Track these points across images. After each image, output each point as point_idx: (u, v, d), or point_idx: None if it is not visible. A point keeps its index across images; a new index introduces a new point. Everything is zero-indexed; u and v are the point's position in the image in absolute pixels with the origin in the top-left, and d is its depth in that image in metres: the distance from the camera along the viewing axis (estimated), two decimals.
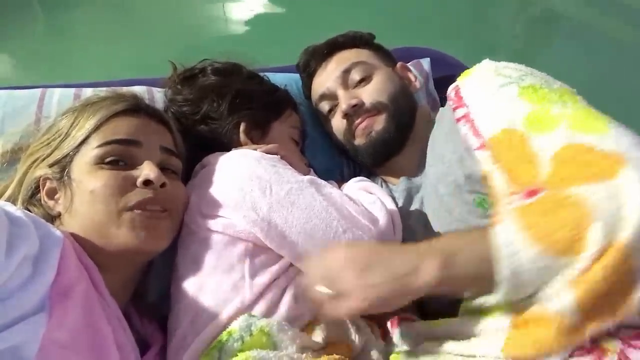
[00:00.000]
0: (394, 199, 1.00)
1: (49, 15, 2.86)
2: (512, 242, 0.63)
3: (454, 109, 0.92)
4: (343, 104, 1.09)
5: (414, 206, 1.00)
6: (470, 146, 0.86)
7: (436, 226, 0.94)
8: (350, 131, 1.11)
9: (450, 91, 0.95)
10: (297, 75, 1.29)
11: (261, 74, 1.17)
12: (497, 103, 0.84)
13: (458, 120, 0.90)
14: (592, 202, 0.62)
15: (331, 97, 1.14)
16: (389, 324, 0.84)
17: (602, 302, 0.60)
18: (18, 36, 2.67)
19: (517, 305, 0.66)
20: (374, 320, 0.89)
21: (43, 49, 2.63)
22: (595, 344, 0.62)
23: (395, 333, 0.81)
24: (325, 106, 1.16)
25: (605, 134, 0.70)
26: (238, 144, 1.02)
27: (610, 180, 0.63)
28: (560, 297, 0.61)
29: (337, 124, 1.14)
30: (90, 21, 2.79)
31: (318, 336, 0.78)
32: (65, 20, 2.80)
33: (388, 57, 1.21)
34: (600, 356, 0.61)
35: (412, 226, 0.96)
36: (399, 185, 1.06)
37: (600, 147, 0.68)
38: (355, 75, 1.11)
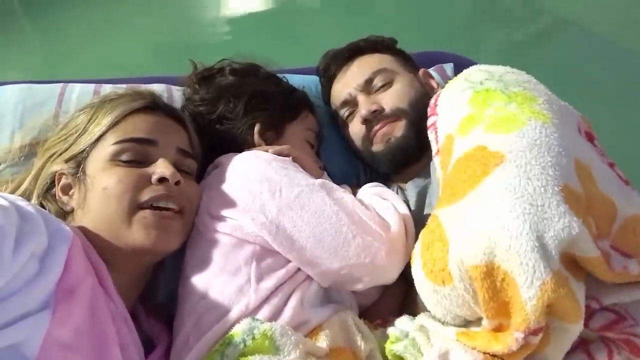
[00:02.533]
0: (408, 205, 0.99)
1: (32, 16, 2.80)
2: (419, 283, 0.72)
3: (428, 117, 0.91)
4: (363, 109, 1.08)
5: (427, 210, 0.99)
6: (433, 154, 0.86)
7: None
8: (368, 137, 1.09)
9: (432, 98, 0.94)
10: (316, 78, 1.28)
11: (280, 75, 1.16)
12: (452, 109, 0.83)
13: (428, 127, 0.90)
14: (447, 229, 0.67)
15: (351, 102, 1.13)
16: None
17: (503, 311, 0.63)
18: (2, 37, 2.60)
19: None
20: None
21: (29, 49, 2.60)
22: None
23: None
24: (344, 111, 1.15)
25: (507, 134, 0.69)
26: (252, 145, 1.01)
27: (472, 190, 0.67)
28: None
29: (356, 129, 1.12)
30: (79, 20, 2.73)
31: (322, 342, 0.76)
32: (50, 21, 2.73)
33: (410, 62, 1.19)
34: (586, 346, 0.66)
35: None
36: (409, 189, 1.05)
37: (492, 147, 0.69)
38: (377, 82, 1.10)
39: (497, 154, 0.67)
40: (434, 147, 0.86)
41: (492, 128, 0.72)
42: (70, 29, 2.66)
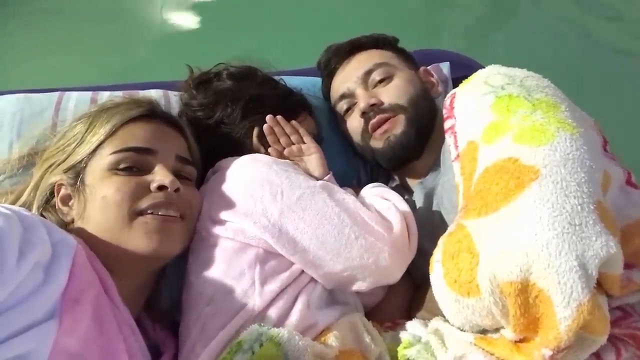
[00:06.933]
0: (414, 205, 0.99)
1: None
2: (439, 291, 0.71)
3: (445, 119, 0.91)
4: (362, 103, 1.08)
5: (434, 209, 0.99)
6: (450, 158, 0.86)
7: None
8: (366, 131, 1.10)
9: (447, 99, 0.94)
10: (314, 79, 1.28)
11: (278, 77, 1.16)
12: (473, 114, 0.83)
13: (446, 131, 0.89)
14: (478, 241, 0.66)
15: (350, 96, 1.13)
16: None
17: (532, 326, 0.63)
18: None
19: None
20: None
21: None
22: None
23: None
24: (343, 105, 1.15)
25: (539, 147, 0.69)
26: (251, 149, 1.01)
27: (507, 204, 0.66)
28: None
29: (354, 123, 1.13)
30: (22, 30, 2.62)
31: (332, 344, 0.76)
32: None
33: (410, 60, 1.20)
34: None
35: (434, 229, 0.94)
36: (417, 191, 1.05)
37: (525, 159, 0.69)
38: (376, 76, 1.11)
39: (532, 168, 0.67)
40: (452, 152, 0.85)
41: (522, 139, 0.71)
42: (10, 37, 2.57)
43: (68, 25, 2.63)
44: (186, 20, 2.71)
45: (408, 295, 0.95)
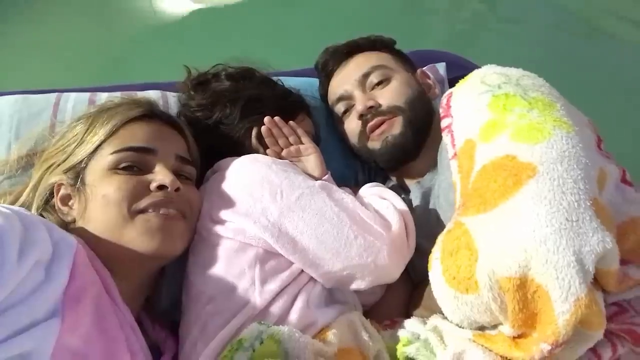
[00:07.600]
0: (411, 205, 1.00)
1: None
2: (438, 288, 0.72)
3: (442, 118, 0.91)
4: (359, 105, 1.09)
5: (432, 207, 1.00)
6: (447, 156, 0.86)
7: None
8: (364, 133, 1.10)
9: (443, 98, 0.95)
10: (312, 79, 1.29)
11: (276, 78, 1.17)
12: (471, 113, 0.84)
13: (442, 130, 0.90)
14: (477, 238, 0.67)
15: (348, 98, 1.14)
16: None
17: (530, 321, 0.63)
18: None
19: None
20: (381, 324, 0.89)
21: None
22: None
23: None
24: (341, 107, 1.16)
25: (536, 144, 0.70)
26: (250, 149, 1.02)
27: (505, 201, 0.66)
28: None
29: (352, 125, 1.13)
30: (17, 28, 2.59)
31: (331, 342, 0.77)
32: None
33: (407, 62, 1.21)
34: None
35: (432, 228, 0.95)
36: (414, 190, 1.05)
37: (522, 157, 0.69)
38: (374, 78, 1.11)
39: (529, 165, 0.68)
40: (449, 151, 0.86)
41: (519, 137, 0.72)
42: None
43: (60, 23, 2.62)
44: (182, 19, 2.69)
45: (407, 294, 0.96)
